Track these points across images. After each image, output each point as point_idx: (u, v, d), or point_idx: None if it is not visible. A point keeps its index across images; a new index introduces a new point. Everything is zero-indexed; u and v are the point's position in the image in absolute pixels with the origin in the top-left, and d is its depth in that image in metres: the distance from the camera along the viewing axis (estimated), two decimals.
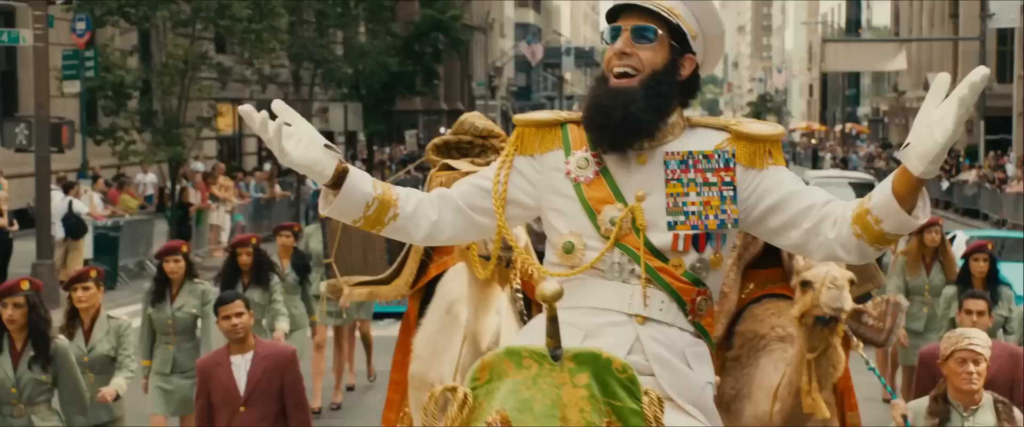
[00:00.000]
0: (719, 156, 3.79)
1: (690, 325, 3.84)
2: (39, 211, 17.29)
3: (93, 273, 8.47)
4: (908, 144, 3.54)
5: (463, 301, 5.92)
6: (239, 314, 7.16)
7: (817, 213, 3.76)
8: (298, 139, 3.71)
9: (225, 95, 31.30)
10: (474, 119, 6.43)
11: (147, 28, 24.46)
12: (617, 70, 3.81)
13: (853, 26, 76.01)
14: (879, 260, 11.93)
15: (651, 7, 3.84)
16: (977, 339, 6.06)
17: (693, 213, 3.76)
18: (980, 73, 3.41)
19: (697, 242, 3.80)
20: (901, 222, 3.63)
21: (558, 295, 3.34)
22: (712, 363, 3.92)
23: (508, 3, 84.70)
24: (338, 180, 3.74)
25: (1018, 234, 22.46)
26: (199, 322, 9.44)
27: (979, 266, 10.03)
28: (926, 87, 40.15)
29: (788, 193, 3.81)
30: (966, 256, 10.24)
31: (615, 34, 3.85)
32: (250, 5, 22.22)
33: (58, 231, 18.17)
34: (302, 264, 11.43)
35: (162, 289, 9.42)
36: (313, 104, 31.84)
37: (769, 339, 5.62)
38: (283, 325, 10.38)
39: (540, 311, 5.74)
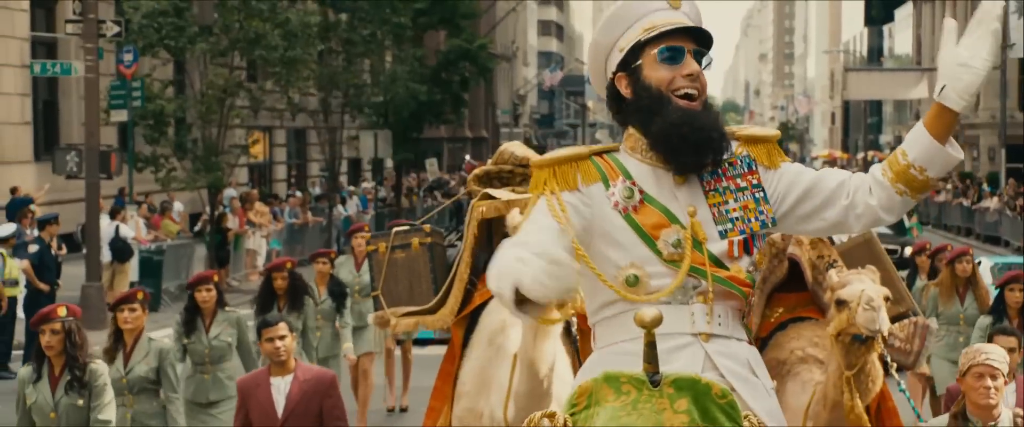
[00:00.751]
0: (742, 162, 3.92)
1: (743, 332, 3.93)
2: (89, 235, 17.93)
3: (140, 295, 8.51)
4: (944, 87, 3.76)
5: (503, 331, 6.03)
6: (282, 337, 7.26)
7: (849, 187, 3.90)
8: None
9: (256, 123, 31.96)
10: (514, 148, 6.49)
11: (184, 58, 25.10)
12: (686, 91, 3.84)
13: (875, 55, 76.25)
14: (909, 287, 12.19)
15: (706, 32, 3.92)
16: (994, 354, 6.05)
17: (737, 219, 3.86)
18: (998, 5, 3.74)
19: (747, 246, 3.89)
20: (945, 162, 3.82)
21: (657, 321, 3.30)
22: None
23: (531, 32, 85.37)
24: None
25: None
26: (233, 349, 9.48)
27: (1015, 296, 10.01)
28: None
29: (814, 178, 3.95)
30: (1001, 286, 10.22)
31: (677, 55, 3.85)
32: (283, 35, 22.84)
33: (105, 255, 18.77)
34: (339, 291, 11.52)
35: (193, 318, 9.46)
36: (342, 132, 32.45)
37: (791, 363, 5.59)
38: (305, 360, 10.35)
39: (587, 345, 5.92)
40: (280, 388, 7.26)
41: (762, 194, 3.90)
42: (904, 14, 66.22)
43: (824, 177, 3.95)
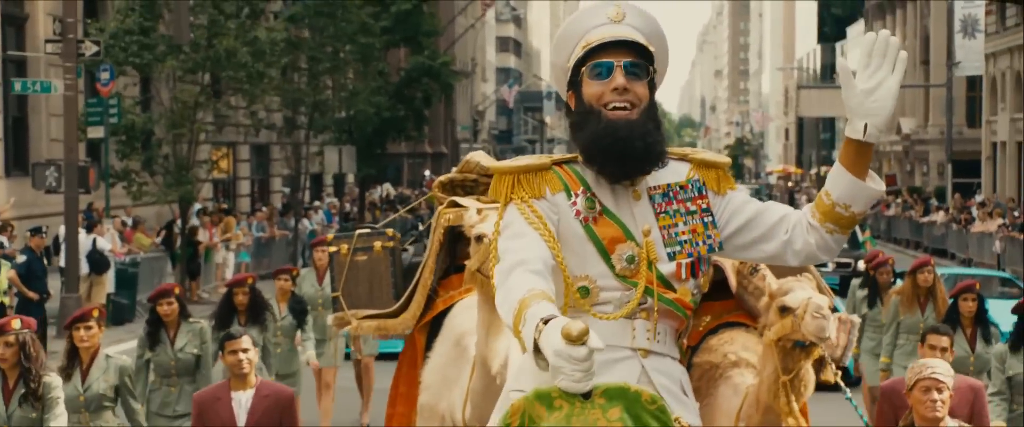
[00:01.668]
0: (693, 186, 3.98)
1: (678, 352, 4.02)
2: (68, 248, 18.52)
3: (95, 312, 8.38)
4: (866, 126, 3.80)
5: (471, 334, 6.03)
6: (246, 349, 7.28)
7: (789, 224, 3.97)
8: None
9: (220, 139, 32.50)
10: (479, 158, 6.50)
11: (150, 75, 25.61)
12: (617, 105, 3.87)
13: (828, 71, 77.34)
14: (875, 300, 11.76)
15: (643, 42, 3.94)
16: (940, 368, 6.20)
17: (685, 242, 3.92)
18: (887, 37, 3.82)
19: (693, 269, 3.94)
20: (868, 197, 3.89)
21: (585, 333, 3.31)
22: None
23: (490, 48, 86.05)
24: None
25: (986, 271, 23.59)
26: (200, 361, 9.40)
27: (968, 306, 10.12)
28: (898, 131, 41.31)
29: (756, 210, 4.02)
30: (954, 296, 10.31)
31: (607, 69, 3.89)
32: (253, 53, 23.44)
33: (83, 267, 19.36)
34: (300, 308, 11.56)
35: (157, 331, 9.37)
36: (306, 147, 33.04)
37: (724, 366, 5.63)
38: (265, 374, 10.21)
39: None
40: (242, 402, 7.28)
41: (710, 219, 3.96)
42: (856, 32, 67.46)
43: (767, 210, 4.04)
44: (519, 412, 3.46)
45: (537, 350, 3.40)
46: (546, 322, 3.39)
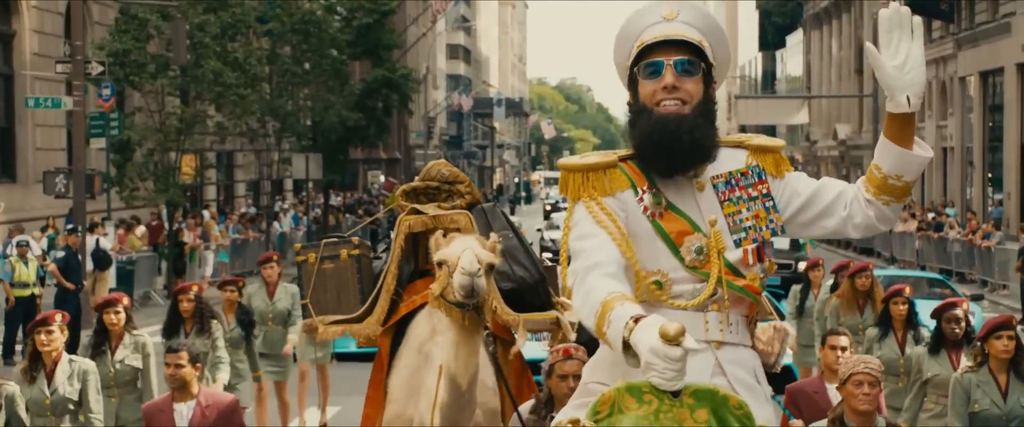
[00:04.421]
0: (752, 172, 4.05)
1: (750, 338, 4.06)
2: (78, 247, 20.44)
3: (57, 317, 8.36)
4: (908, 99, 3.90)
5: (433, 339, 6.20)
6: (179, 365, 7.39)
7: (846, 199, 4.08)
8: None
9: (187, 147, 34.23)
10: (441, 167, 6.70)
11: (128, 89, 27.40)
12: (667, 102, 3.93)
13: (769, 78, 79.48)
14: (804, 300, 12.67)
15: (693, 41, 3.99)
16: (872, 363, 6.37)
17: (750, 227, 3.99)
18: (897, 8, 3.97)
19: (759, 253, 4.02)
20: (918, 164, 4.00)
21: (681, 333, 3.37)
22: None
23: (440, 56, 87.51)
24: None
25: (915, 273, 25.20)
26: (140, 374, 9.32)
27: (899, 309, 10.22)
28: (835, 137, 43.87)
29: (816, 188, 4.12)
30: (886, 299, 10.42)
31: (657, 69, 3.95)
32: (238, 76, 25.42)
33: (88, 264, 21.28)
34: (247, 319, 11.53)
35: (101, 341, 9.24)
36: (277, 154, 34.82)
37: None
38: (223, 376, 10.23)
39: (504, 351, 6.29)
40: (183, 413, 7.40)
41: (771, 203, 4.04)
42: (795, 40, 69.68)
43: (824, 187, 4.14)
44: (609, 402, 3.54)
45: (626, 348, 3.51)
46: (637, 320, 3.50)
